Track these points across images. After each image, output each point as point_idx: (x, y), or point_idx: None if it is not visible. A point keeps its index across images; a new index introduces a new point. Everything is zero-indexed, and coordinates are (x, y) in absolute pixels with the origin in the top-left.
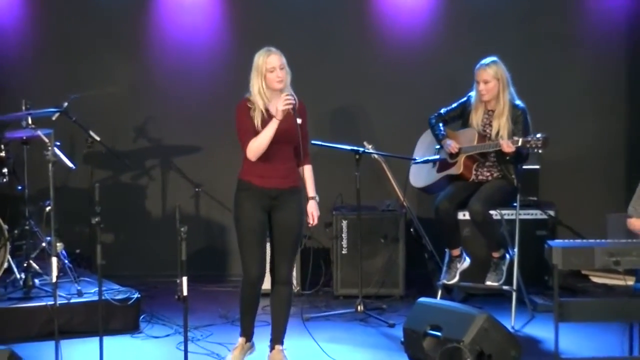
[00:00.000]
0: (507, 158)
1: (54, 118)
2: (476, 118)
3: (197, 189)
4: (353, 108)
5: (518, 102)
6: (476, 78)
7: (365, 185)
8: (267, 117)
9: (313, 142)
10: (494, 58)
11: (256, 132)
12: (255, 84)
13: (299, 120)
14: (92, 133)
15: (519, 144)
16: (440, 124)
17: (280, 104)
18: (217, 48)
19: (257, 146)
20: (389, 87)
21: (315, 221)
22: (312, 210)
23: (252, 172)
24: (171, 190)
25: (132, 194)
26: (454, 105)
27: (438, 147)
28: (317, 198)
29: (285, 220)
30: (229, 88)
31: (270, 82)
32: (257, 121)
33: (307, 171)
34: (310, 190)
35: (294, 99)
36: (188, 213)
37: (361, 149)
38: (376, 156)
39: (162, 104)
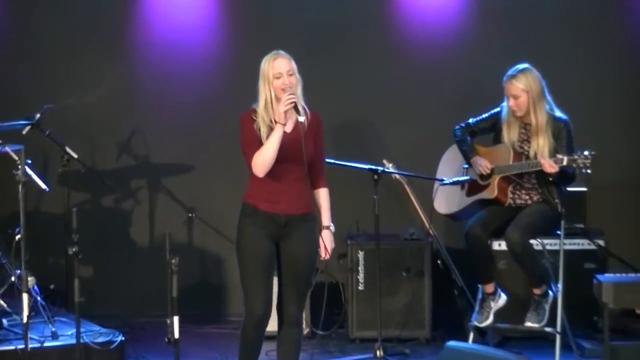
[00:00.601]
0: (550, 179)
1: (24, 132)
2: (510, 133)
3: (190, 214)
4: (369, 120)
5: (559, 113)
6: (505, 92)
7: (384, 210)
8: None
9: (327, 160)
10: (524, 66)
11: (259, 143)
12: (263, 94)
13: (301, 119)
14: (68, 149)
15: (564, 163)
16: (468, 138)
17: (282, 105)
18: (214, 50)
19: (262, 158)
20: (410, 96)
21: (328, 255)
22: (326, 241)
23: (258, 195)
24: (160, 216)
25: (115, 219)
26: (485, 115)
27: (466, 166)
28: (332, 227)
29: (296, 251)
30: (228, 97)
31: (277, 91)
32: (264, 135)
33: (322, 195)
34: (325, 217)
35: (296, 97)
36: (180, 242)
37: (380, 168)
38: (397, 176)
39: (150, 115)
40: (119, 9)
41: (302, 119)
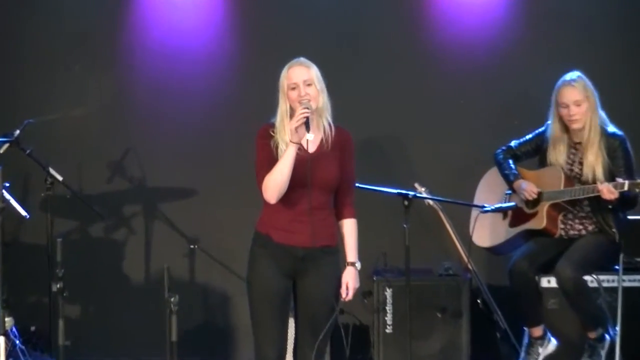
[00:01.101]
0: (608, 206)
1: (1, 150)
2: (556, 154)
3: (192, 246)
4: (399, 138)
5: (613, 129)
6: (561, 100)
7: (416, 242)
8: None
9: None
10: (578, 73)
11: (274, 157)
12: (279, 107)
13: (309, 137)
14: (52, 170)
15: (625, 187)
16: (510, 161)
17: (293, 121)
18: (220, 58)
19: (272, 182)
20: (445, 111)
21: (350, 295)
22: (348, 279)
23: (272, 224)
24: (158, 247)
25: (106, 251)
26: (529, 136)
27: (509, 192)
28: (358, 265)
29: (315, 289)
30: (237, 111)
31: (293, 104)
32: (281, 154)
33: (348, 227)
34: (350, 252)
35: (310, 112)
36: (180, 277)
37: (411, 193)
38: (431, 202)
39: (146, 132)
40: (110, 12)
41: (310, 137)
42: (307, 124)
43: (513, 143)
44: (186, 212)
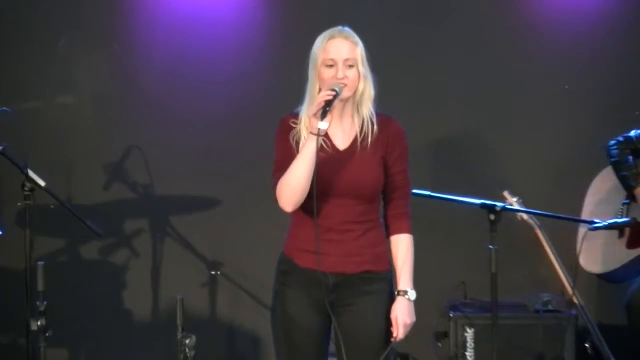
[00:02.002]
0: None
1: None
2: None
3: (213, 272)
4: (482, 136)
5: None
6: None
7: (505, 267)
8: (323, 145)
9: (414, 191)
10: None
11: (294, 155)
12: (308, 87)
13: (322, 125)
14: (32, 173)
15: None
16: (630, 157)
17: (314, 105)
18: (249, 30)
19: (286, 185)
20: (542, 102)
21: (401, 334)
22: (398, 313)
23: (297, 243)
24: (169, 273)
25: (102, 279)
26: None
27: (626, 201)
28: (411, 294)
29: (354, 328)
30: (270, 99)
31: (325, 84)
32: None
33: (402, 244)
34: (404, 278)
35: (336, 92)
36: (198, 312)
37: (499, 204)
38: (525, 216)
39: (152, 126)
40: None
41: (323, 125)
42: (324, 110)
43: (632, 133)
44: (205, 228)
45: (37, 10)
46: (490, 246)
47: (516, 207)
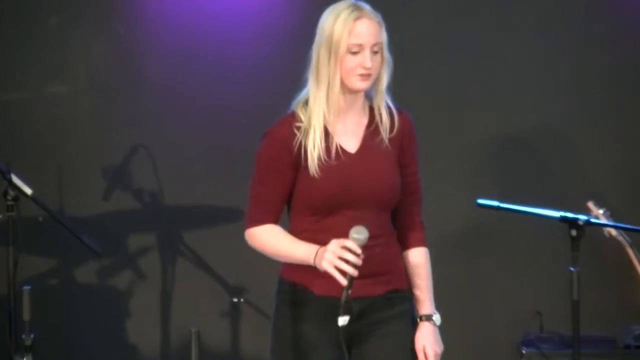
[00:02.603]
0: None
1: None
2: None
3: (234, 299)
4: (559, 134)
5: None
6: None
7: (590, 294)
8: (328, 154)
9: (478, 202)
10: None
11: (287, 187)
12: (323, 76)
13: (343, 321)
14: (16, 179)
15: None
16: None
17: (324, 260)
18: (273, 9)
19: (260, 249)
20: (631, 97)
21: None
22: (425, 342)
23: (308, 267)
24: (181, 300)
25: (101, 307)
26: None
27: None
28: (436, 319)
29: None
30: (298, 87)
31: (348, 75)
32: (311, 154)
33: (422, 259)
34: (428, 300)
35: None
36: (216, 346)
37: (582, 217)
38: (613, 232)
39: (161, 124)
40: None
41: (344, 321)
42: (346, 304)
43: None
44: (225, 245)
45: None
46: (572, 268)
47: (603, 220)
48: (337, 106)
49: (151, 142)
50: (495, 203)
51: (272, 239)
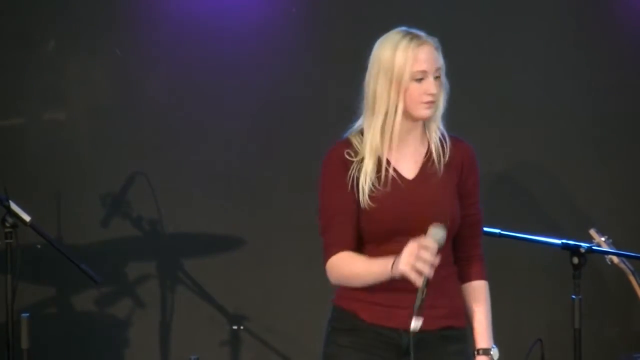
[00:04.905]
0: None
1: None
2: None
3: (235, 327)
4: (559, 161)
5: None
6: None
7: (592, 322)
8: (384, 183)
9: (485, 229)
10: None
11: (352, 212)
12: (382, 104)
13: (416, 325)
14: (14, 206)
15: None
16: None
17: (403, 263)
18: (277, 30)
19: (343, 278)
20: (632, 122)
21: None
22: None
23: (359, 294)
24: (181, 329)
25: (100, 335)
26: None
27: None
28: (494, 353)
29: None
30: (304, 113)
31: (414, 102)
32: (364, 185)
33: (479, 294)
34: (485, 334)
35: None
36: None
37: (584, 245)
38: (616, 260)
39: (160, 147)
40: None
41: (417, 324)
42: (420, 304)
43: None
44: (225, 273)
45: (21, 5)
46: (574, 296)
47: (605, 248)
48: (396, 134)
49: (150, 169)
50: (496, 230)
51: (349, 264)
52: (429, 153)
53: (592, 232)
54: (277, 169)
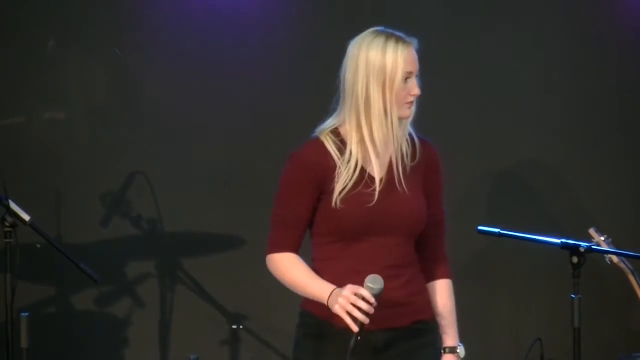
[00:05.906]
0: None
1: None
2: None
3: (234, 326)
4: (558, 161)
5: None
6: None
7: (591, 322)
8: (358, 183)
9: (479, 229)
10: None
11: (306, 221)
12: (375, 101)
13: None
14: (14, 205)
15: None
16: None
17: (339, 305)
18: (279, 30)
19: (279, 276)
20: (632, 121)
21: None
22: None
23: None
24: (180, 328)
25: (99, 335)
26: None
27: None
28: (461, 351)
29: None
30: (304, 112)
31: (400, 103)
32: (337, 191)
33: (446, 291)
34: (452, 332)
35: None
36: None
37: (583, 244)
38: (615, 260)
39: (159, 147)
40: None
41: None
42: (355, 339)
43: None
44: (225, 272)
45: (21, 4)
46: (573, 295)
47: (604, 247)
48: (390, 136)
49: (150, 168)
50: (495, 230)
51: (291, 270)
52: (397, 153)
53: (592, 231)
54: (277, 168)
